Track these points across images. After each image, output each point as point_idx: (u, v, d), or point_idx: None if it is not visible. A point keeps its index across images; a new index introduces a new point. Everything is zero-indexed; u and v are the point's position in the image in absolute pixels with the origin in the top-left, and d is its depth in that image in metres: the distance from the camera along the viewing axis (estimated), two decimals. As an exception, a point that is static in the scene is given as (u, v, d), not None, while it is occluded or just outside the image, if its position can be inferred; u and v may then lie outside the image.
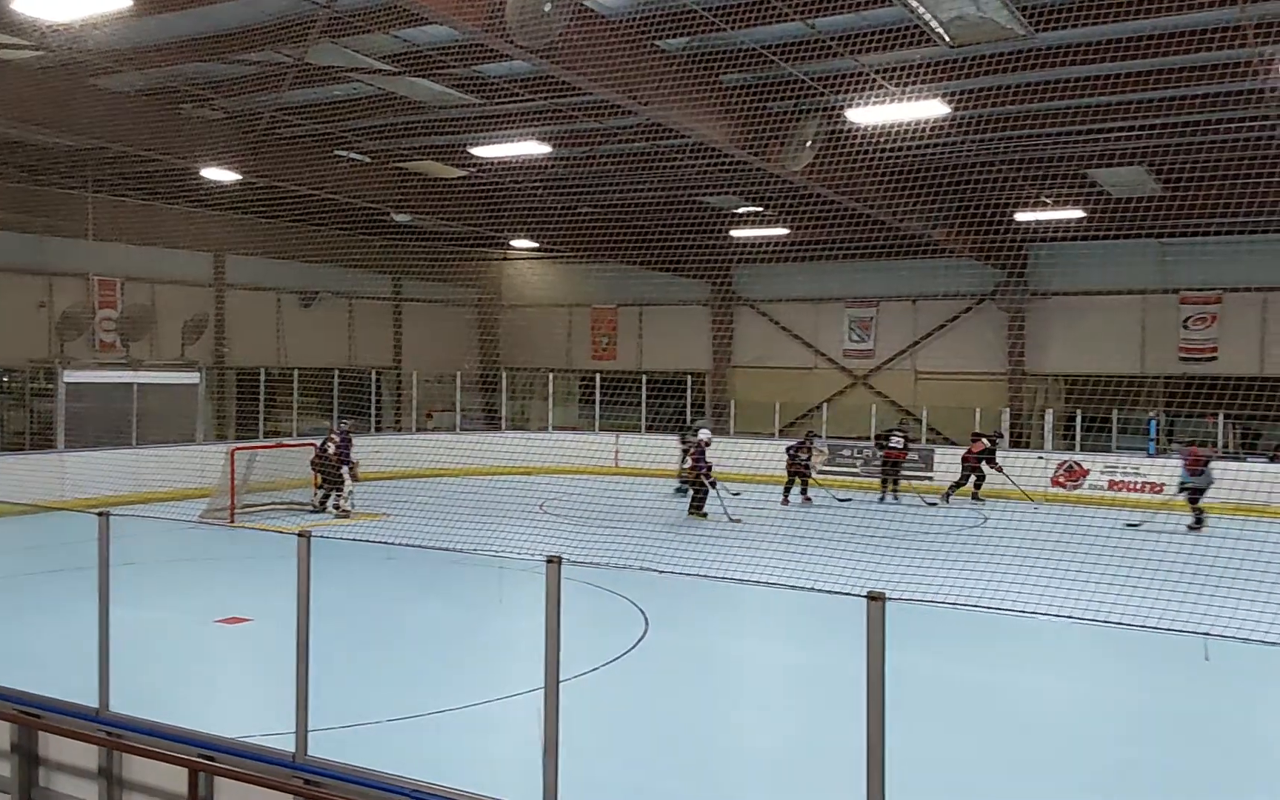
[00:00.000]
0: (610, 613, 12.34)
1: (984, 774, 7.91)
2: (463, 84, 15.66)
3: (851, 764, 4.75)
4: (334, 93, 16.85)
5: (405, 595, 13.75)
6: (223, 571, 15.43)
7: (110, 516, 6.82)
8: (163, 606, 12.66)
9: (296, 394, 27.07)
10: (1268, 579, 9.53)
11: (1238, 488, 18.13)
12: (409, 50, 14.51)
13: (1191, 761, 8.24)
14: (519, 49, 11.30)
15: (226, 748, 6.31)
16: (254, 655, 11.07)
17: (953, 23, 11.67)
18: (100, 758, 6.59)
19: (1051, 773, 8.00)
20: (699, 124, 14.69)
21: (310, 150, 19.83)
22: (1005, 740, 8.67)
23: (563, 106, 16.51)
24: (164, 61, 14.96)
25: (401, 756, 6.37)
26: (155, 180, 22.73)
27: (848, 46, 13.25)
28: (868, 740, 4.62)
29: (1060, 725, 9.26)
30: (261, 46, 14.23)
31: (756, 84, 15.35)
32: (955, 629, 11.58)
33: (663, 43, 13.48)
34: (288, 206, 22.91)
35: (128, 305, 25.54)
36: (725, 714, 9.52)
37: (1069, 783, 7.84)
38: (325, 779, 5.91)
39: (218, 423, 26.53)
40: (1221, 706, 9.61)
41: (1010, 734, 8.83)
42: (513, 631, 11.83)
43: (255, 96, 16.90)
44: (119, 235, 24.47)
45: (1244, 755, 8.54)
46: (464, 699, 9.27)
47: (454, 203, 23.37)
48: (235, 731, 6.62)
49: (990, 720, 9.19)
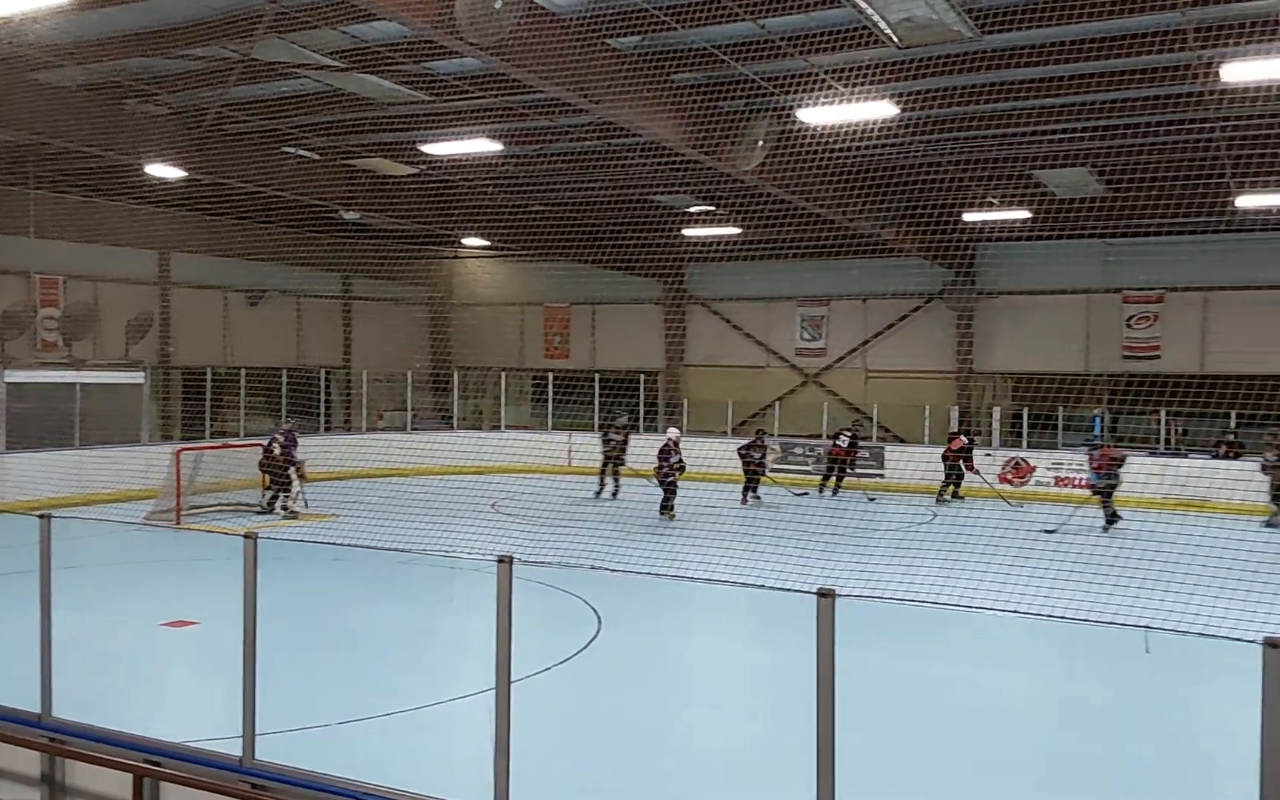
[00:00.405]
0: (562, 612, 12.32)
1: (933, 769, 7.99)
2: (412, 81, 15.56)
3: (803, 761, 4.78)
4: (281, 88, 16.66)
5: (355, 596, 13.64)
6: (168, 574, 15.20)
7: (53, 518, 6.71)
8: (107, 610, 12.45)
9: (244, 394, 26.78)
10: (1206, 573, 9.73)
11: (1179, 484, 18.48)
12: (357, 46, 14.39)
13: (1134, 753, 8.39)
14: (469, 46, 11.25)
15: (172, 752, 6.23)
16: (200, 658, 10.92)
17: (901, 24, 11.79)
18: (43, 764, 6.48)
19: (1000, 766, 8.10)
20: (650, 123, 14.72)
21: (257, 147, 19.59)
22: (954, 735, 8.76)
23: (514, 104, 16.46)
24: (107, 56, 14.72)
25: (351, 759, 6.32)
26: (98, 177, 22.34)
27: (798, 47, 13.34)
28: (818, 736, 4.66)
29: (1006, 719, 9.38)
30: (207, 41, 14.04)
31: (708, 83, 15.40)
32: (903, 624, 11.69)
33: (614, 41, 13.48)
34: (234, 204, 22.65)
35: (70, 304, 25.11)
36: (677, 712, 9.55)
37: (1016, 775, 7.95)
38: (273, 783, 5.85)
39: (163, 423, 26.15)
40: (1162, 699, 9.79)
41: (959, 728, 8.93)
42: (464, 631, 11.78)
43: (201, 92, 16.68)
44: (61, 232, 24.03)
45: (1186, 745, 8.71)
46: (415, 700, 9.21)
47: (404, 200, 23.21)
48: (181, 736, 6.53)
49: (939, 715, 9.29)
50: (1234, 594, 8.96)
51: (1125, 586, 10.28)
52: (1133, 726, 9.05)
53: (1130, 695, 9.86)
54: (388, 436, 26.98)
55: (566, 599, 12.82)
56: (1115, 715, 9.36)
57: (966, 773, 7.94)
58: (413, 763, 7.64)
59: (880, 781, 7.35)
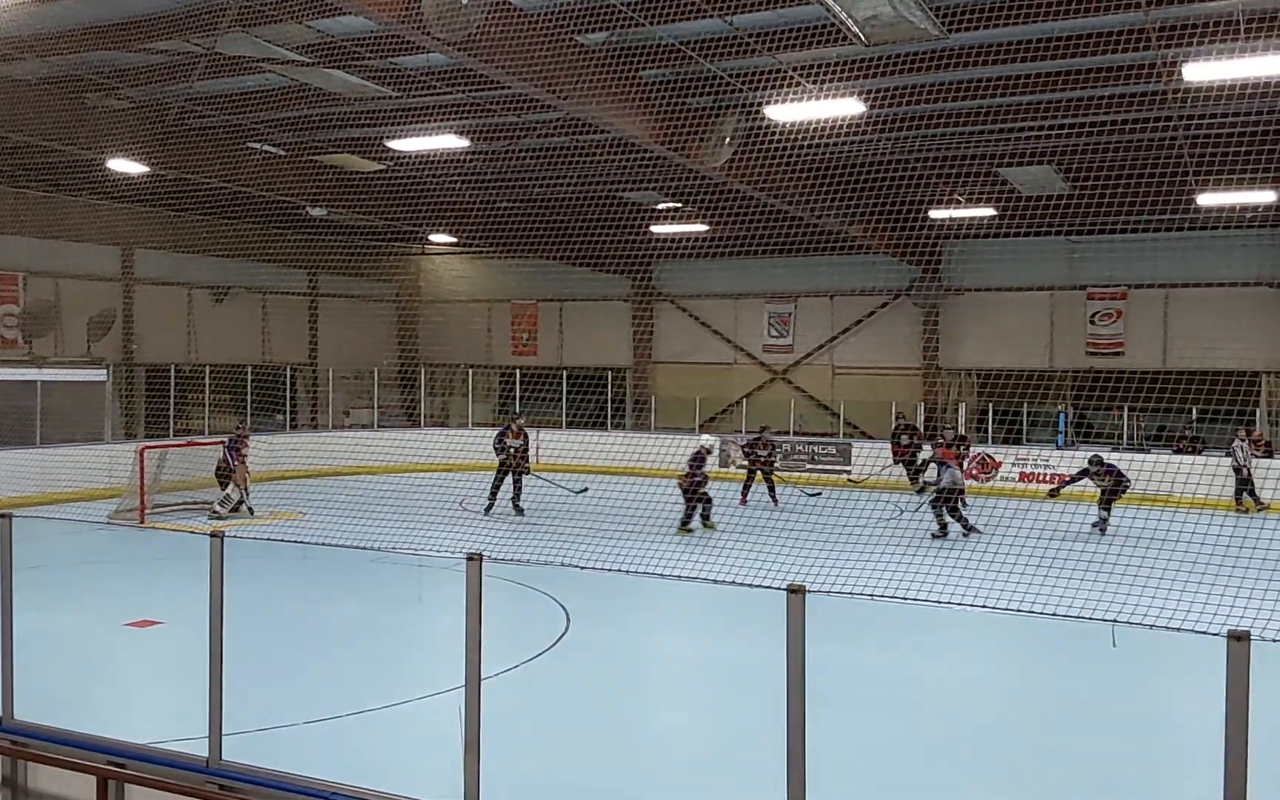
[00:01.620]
0: (531, 610, 12.29)
1: (900, 762, 8.04)
2: (379, 76, 15.46)
3: (772, 755, 4.80)
4: (246, 83, 16.51)
5: (322, 595, 13.55)
6: (133, 573, 15.05)
7: (13, 518, 6.63)
8: (70, 610, 12.32)
9: (209, 391, 26.54)
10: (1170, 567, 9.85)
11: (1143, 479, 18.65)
12: (323, 41, 14.29)
13: (1101, 745, 8.47)
14: (436, 41, 11.21)
15: (137, 754, 6.18)
16: (166, 658, 10.81)
17: (868, 22, 11.84)
18: (4, 767, 6.41)
19: (967, 760, 8.16)
20: (618, 119, 14.71)
21: (222, 142, 19.41)
22: (921, 728, 8.82)
23: (481, 100, 16.40)
24: (67, 49, 14.52)
25: (319, 759, 6.28)
26: (59, 171, 22.04)
27: (766, 44, 13.38)
28: (788, 730, 4.68)
29: (973, 713, 9.46)
30: (170, 35, 13.88)
31: (676, 80, 15.41)
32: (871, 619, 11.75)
33: (582, 37, 13.47)
34: (199, 199, 22.44)
35: (30, 300, 24.81)
36: (647, 709, 9.55)
37: (983, 769, 8.01)
38: (240, 784, 5.81)
39: (126, 421, 25.88)
40: (1129, 692, 9.90)
41: (926, 722, 8.99)
42: (433, 630, 11.74)
43: (164, 86, 16.52)
44: (20, 228, 23.73)
45: (1154, 737, 8.81)
46: (383, 699, 9.16)
47: (371, 196, 23.08)
48: (146, 738, 6.47)
49: (906, 709, 9.35)
50: (1199, 588, 9.07)
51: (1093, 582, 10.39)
52: (1101, 720, 9.14)
53: (1098, 689, 9.96)
54: (354, 434, 26.83)
55: (535, 596, 12.79)
56: (1083, 708, 9.45)
57: (932, 767, 7.99)
58: (382, 762, 7.61)
59: (849, 775, 7.39)
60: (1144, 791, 7.68)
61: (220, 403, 26.85)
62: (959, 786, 7.67)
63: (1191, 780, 7.49)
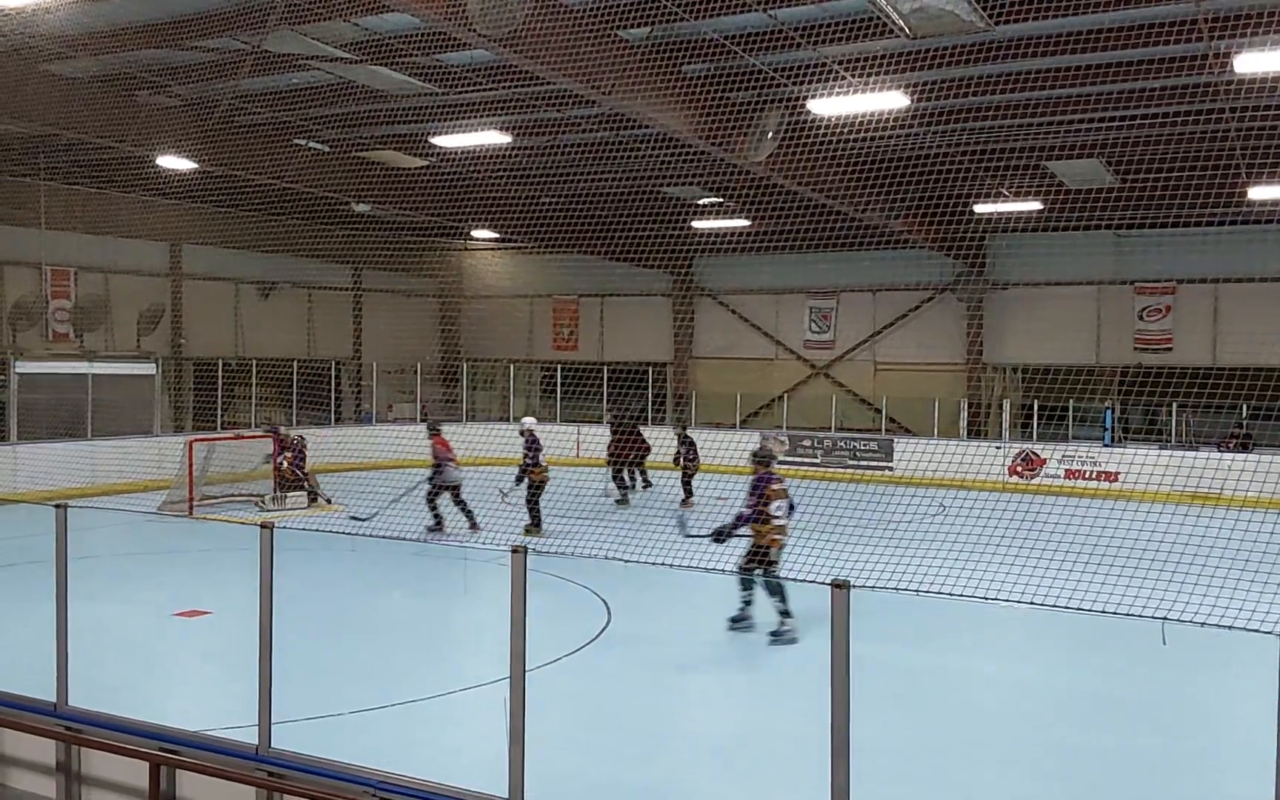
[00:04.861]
0: (572, 603, 12.33)
1: (947, 760, 7.98)
2: (424, 73, 15.56)
3: (812, 750, 4.79)
4: (293, 81, 16.66)
5: (368, 586, 13.68)
6: (182, 564, 15.27)
7: (68, 508, 6.74)
8: (121, 599, 12.51)
9: (255, 385, 26.86)
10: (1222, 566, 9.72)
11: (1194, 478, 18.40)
12: (369, 38, 14.40)
13: (1150, 745, 8.38)
14: (481, 38, 11.26)
15: (188, 740, 6.27)
16: (215, 648, 10.96)
17: (913, 14, 11.75)
18: (59, 752, 6.53)
19: (1013, 758, 8.10)
20: (661, 114, 14.70)
21: (269, 139, 19.62)
22: (968, 727, 8.76)
23: (524, 96, 16.44)
24: (119, 47, 14.75)
25: (366, 748, 6.36)
26: (110, 168, 22.36)
27: (809, 37, 13.31)
28: (833, 726, 4.67)
29: (1020, 711, 9.39)
30: (218, 33, 14.06)
31: (718, 74, 15.36)
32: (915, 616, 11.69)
33: (624, 32, 13.47)
34: (246, 196, 22.67)
35: (81, 295, 25.19)
36: (688, 703, 9.56)
37: (1029, 768, 7.95)
38: (289, 771, 5.89)
39: (175, 414, 26.25)
40: (1179, 692, 9.77)
41: (973, 721, 8.93)
42: (477, 621, 11.81)
43: (212, 84, 16.71)
44: (72, 224, 24.08)
45: (1203, 737, 8.70)
46: (428, 690, 9.24)
47: (415, 192, 23.20)
48: (197, 725, 6.56)
49: (953, 707, 9.29)
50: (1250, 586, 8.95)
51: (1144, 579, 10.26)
52: (1150, 719, 9.04)
53: (1148, 688, 9.84)
54: (398, 428, 27.00)
55: (576, 590, 12.83)
56: (1132, 707, 9.35)
57: (979, 765, 7.93)
58: (428, 751, 7.67)
59: (893, 773, 7.35)
60: (1194, 792, 7.58)
61: (267, 397, 27.17)
62: (1004, 785, 7.61)
63: (1243, 781, 7.38)
